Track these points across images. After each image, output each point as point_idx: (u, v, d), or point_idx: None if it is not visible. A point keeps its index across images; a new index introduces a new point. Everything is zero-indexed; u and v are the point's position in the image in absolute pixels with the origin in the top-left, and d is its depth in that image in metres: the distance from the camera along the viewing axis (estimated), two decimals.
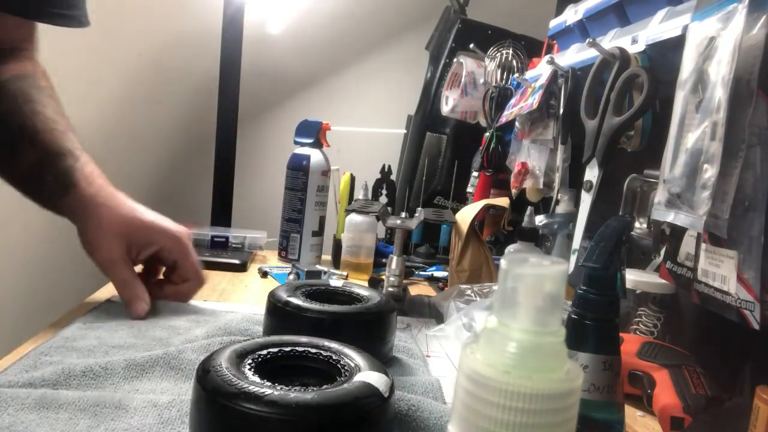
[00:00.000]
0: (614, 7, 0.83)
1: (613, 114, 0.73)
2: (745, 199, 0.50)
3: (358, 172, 1.26)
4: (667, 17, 0.70)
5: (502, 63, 1.24)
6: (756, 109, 0.49)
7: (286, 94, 1.75)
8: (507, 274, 0.28)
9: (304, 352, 0.48)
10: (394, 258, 0.91)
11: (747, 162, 0.50)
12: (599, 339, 0.43)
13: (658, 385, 0.60)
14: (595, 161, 0.75)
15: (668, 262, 0.64)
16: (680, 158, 0.56)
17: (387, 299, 0.68)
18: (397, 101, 1.71)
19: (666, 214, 0.58)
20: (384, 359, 0.63)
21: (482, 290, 0.87)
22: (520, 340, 0.28)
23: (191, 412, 0.43)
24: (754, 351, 0.61)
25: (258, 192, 1.69)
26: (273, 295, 0.65)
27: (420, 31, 1.64)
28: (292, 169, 1.20)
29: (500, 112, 1.18)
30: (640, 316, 0.73)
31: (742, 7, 0.50)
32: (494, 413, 0.27)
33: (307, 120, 1.23)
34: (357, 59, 1.78)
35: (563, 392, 0.28)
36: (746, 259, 0.50)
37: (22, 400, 0.47)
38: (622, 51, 0.75)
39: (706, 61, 0.54)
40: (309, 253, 1.20)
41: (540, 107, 0.97)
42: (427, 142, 1.46)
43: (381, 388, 0.42)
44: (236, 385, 0.40)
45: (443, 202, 1.43)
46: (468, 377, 0.28)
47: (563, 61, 0.95)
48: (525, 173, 1.07)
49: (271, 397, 0.39)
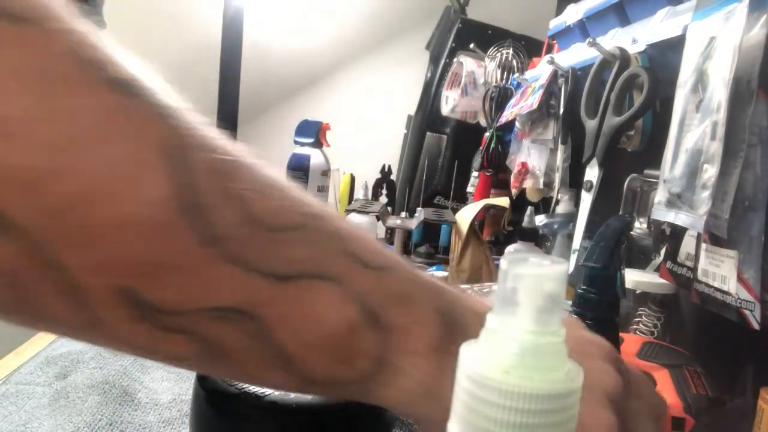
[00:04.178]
0: (614, 7, 0.83)
1: (613, 114, 0.73)
2: (745, 199, 0.50)
3: (358, 172, 1.26)
4: (667, 17, 0.70)
5: (502, 63, 1.24)
6: (756, 109, 0.49)
7: (286, 94, 1.75)
8: (507, 274, 0.28)
9: None
10: None
11: (747, 162, 0.50)
12: None
13: (659, 385, 0.60)
14: (595, 161, 0.75)
15: (668, 262, 0.64)
16: (680, 158, 0.56)
17: None
18: (397, 101, 1.71)
19: (666, 214, 0.58)
20: None
21: (482, 290, 0.87)
22: (520, 340, 0.28)
23: (191, 411, 0.43)
24: (754, 351, 0.61)
25: None
26: None
27: (420, 30, 1.64)
28: (292, 169, 1.20)
29: (500, 112, 1.18)
30: (640, 316, 0.73)
31: (742, 7, 0.50)
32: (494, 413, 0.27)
33: (307, 120, 1.23)
34: (357, 59, 1.78)
35: (563, 392, 0.28)
36: (746, 259, 0.50)
37: (39, 397, 0.49)
38: (622, 51, 0.75)
39: (706, 61, 0.54)
40: None
41: (540, 107, 0.97)
42: (427, 142, 1.46)
43: None
44: (236, 386, 0.40)
45: (443, 202, 1.43)
46: (468, 377, 0.28)
47: (563, 61, 0.95)
48: (525, 173, 1.07)
49: (271, 398, 0.39)
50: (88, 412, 0.46)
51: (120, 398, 0.48)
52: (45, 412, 0.46)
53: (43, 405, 0.48)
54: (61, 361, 0.56)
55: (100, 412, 0.46)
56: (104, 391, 0.48)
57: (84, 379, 0.50)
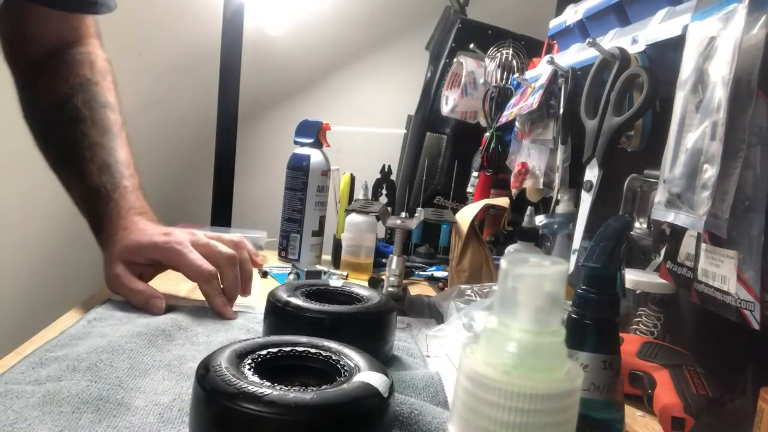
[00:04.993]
0: (614, 7, 0.83)
1: (613, 114, 0.73)
2: (745, 199, 0.50)
3: (358, 172, 1.26)
4: (667, 17, 0.70)
5: (502, 63, 1.24)
6: (756, 109, 0.49)
7: (286, 94, 1.75)
8: (507, 274, 0.28)
9: (304, 352, 0.48)
10: (394, 258, 0.91)
11: (747, 162, 0.50)
12: (599, 339, 0.43)
13: (659, 385, 0.60)
14: (595, 161, 0.75)
15: (668, 262, 0.64)
16: (680, 158, 0.56)
17: (387, 299, 0.68)
18: (397, 101, 1.71)
19: (666, 214, 0.58)
20: (384, 359, 0.63)
21: (482, 290, 0.87)
22: (520, 340, 0.28)
23: (191, 411, 0.43)
24: (754, 351, 0.61)
25: (258, 192, 1.69)
26: (273, 295, 0.65)
27: (420, 31, 1.64)
28: (292, 169, 1.20)
29: (500, 112, 1.18)
30: (640, 316, 0.73)
31: (742, 7, 0.50)
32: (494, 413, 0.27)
33: (307, 120, 1.23)
34: (357, 59, 1.78)
35: (563, 392, 0.28)
36: (746, 259, 0.50)
37: (28, 397, 0.48)
38: (622, 51, 0.75)
39: (706, 61, 0.54)
40: (309, 253, 1.20)
41: (540, 107, 0.97)
42: (427, 142, 1.46)
43: (380, 389, 0.42)
44: (236, 385, 0.40)
45: (443, 202, 1.43)
46: (468, 377, 0.28)
47: (563, 61, 0.95)
48: (525, 173, 1.07)
49: (270, 397, 0.39)
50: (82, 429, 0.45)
51: (115, 410, 0.48)
52: (34, 413, 0.46)
53: (32, 405, 0.47)
54: (55, 363, 0.55)
55: (93, 429, 0.45)
56: (98, 408, 0.47)
57: (79, 392, 0.49)
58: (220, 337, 0.68)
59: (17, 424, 0.44)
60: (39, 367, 0.54)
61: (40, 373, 0.52)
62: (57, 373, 0.52)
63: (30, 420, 0.45)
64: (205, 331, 0.69)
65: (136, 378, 0.54)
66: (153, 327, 0.65)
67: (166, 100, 1.68)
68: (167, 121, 1.69)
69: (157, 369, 0.56)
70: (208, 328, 0.70)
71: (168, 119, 1.69)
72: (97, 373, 0.53)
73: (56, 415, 0.46)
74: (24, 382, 0.51)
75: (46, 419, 0.45)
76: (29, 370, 0.53)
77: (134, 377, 0.54)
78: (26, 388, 0.49)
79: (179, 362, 0.59)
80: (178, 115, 1.70)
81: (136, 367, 0.56)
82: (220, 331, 0.70)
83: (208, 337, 0.68)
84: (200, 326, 0.70)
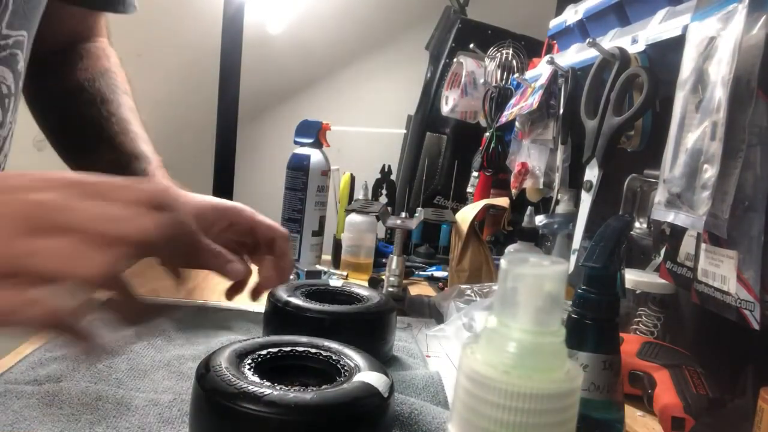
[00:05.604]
0: (614, 7, 0.83)
1: (613, 114, 0.73)
2: (745, 199, 0.50)
3: (358, 172, 1.26)
4: (667, 17, 0.70)
5: (502, 63, 1.24)
6: (756, 109, 0.49)
7: (286, 94, 1.75)
8: (507, 274, 0.28)
9: (304, 352, 0.48)
10: (394, 258, 0.91)
11: (747, 162, 0.50)
12: (599, 339, 0.43)
13: (659, 385, 0.60)
14: (595, 161, 0.75)
15: (668, 262, 0.64)
16: (680, 158, 0.56)
17: (387, 299, 0.68)
18: (397, 101, 1.71)
19: (666, 214, 0.58)
20: (384, 359, 0.63)
21: (482, 290, 0.87)
22: (520, 340, 0.28)
23: (191, 411, 0.43)
24: (754, 351, 0.61)
25: (258, 192, 1.69)
26: (273, 295, 0.65)
27: (420, 31, 1.64)
28: (292, 169, 1.20)
29: (500, 112, 1.18)
30: (640, 316, 0.73)
31: (742, 7, 0.50)
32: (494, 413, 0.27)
33: (307, 120, 1.23)
34: (357, 59, 1.78)
35: (563, 392, 0.28)
36: (746, 259, 0.50)
37: (28, 397, 0.48)
38: (622, 51, 0.75)
39: (706, 61, 0.54)
40: (309, 253, 1.20)
41: (540, 107, 0.97)
42: (427, 142, 1.46)
43: (380, 388, 0.42)
44: (236, 385, 0.40)
45: (443, 202, 1.43)
46: (468, 377, 0.28)
47: (563, 61, 0.95)
48: (525, 173, 1.07)
49: (270, 397, 0.39)
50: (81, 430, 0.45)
51: (114, 410, 0.48)
52: (34, 413, 0.46)
53: (32, 405, 0.47)
54: (55, 363, 0.55)
55: (92, 429, 0.45)
56: (97, 408, 0.47)
57: (78, 392, 0.49)
58: (220, 337, 0.68)
59: (17, 425, 0.44)
60: (39, 367, 0.54)
61: (40, 373, 0.52)
62: (57, 374, 0.52)
63: (29, 420, 0.45)
64: (204, 331, 0.69)
65: (135, 378, 0.54)
66: (153, 327, 0.65)
67: (165, 101, 1.68)
68: (167, 121, 1.69)
69: (156, 369, 0.56)
70: (207, 328, 0.70)
71: (168, 119, 1.69)
72: (97, 373, 0.53)
73: (56, 416, 0.46)
74: (24, 382, 0.51)
75: (45, 419, 0.45)
76: (29, 370, 0.53)
77: (134, 377, 0.54)
78: (26, 388, 0.49)
79: (179, 362, 0.59)
80: (178, 115, 1.70)
81: (135, 368, 0.56)
82: (220, 331, 0.70)
83: (208, 337, 0.68)
84: (200, 326, 0.70)
